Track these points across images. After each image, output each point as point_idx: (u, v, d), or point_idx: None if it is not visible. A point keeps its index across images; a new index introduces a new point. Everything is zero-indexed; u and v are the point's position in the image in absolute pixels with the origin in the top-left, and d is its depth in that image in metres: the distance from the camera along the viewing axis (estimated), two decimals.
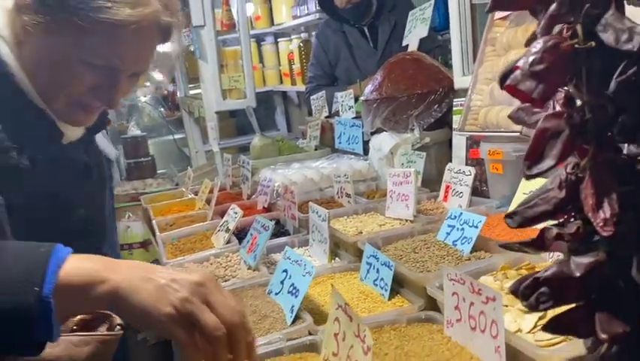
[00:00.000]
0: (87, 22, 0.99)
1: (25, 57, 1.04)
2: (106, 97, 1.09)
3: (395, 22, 3.31)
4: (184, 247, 1.88)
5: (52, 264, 0.71)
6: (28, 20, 1.00)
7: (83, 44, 1.01)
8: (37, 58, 1.04)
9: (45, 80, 1.05)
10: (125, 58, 1.06)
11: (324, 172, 2.28)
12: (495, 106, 1.61)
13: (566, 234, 0.66)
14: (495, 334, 0.85)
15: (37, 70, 1.05)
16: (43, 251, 0.73)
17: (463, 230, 1.34)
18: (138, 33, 1.03)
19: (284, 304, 1.20)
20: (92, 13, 0.99)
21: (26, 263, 0.71)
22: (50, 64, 1.04)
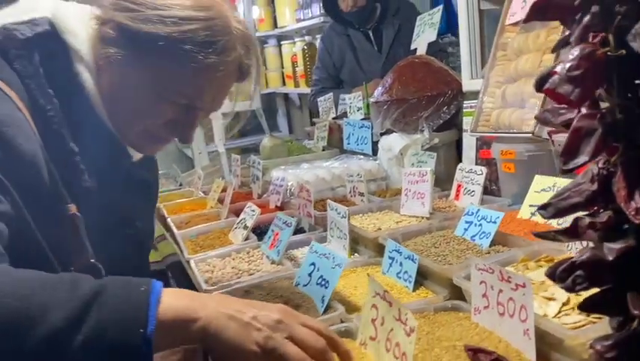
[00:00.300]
0: (176, 65, 1.02)
1: (103, 83, 1.06)
2: (181, 133, 1.12)
3: (399, 25, 3.38)
4: (203, 244, 1.93)
5: (152, 304, 0.74)
6: (113, 53, 1.03)
7: (168, 84, 1.04)
8: (116, 87, 1.06)
9: (121, 110, 1.07)
10: (206, 98, 1.09)
11: (335, 172, 2.34)
12: (507, 108, 1.69)
13: (598, 223, 0.73)
14: (524, 318, 0.91)
15: (114, 98, 1.06)
16: (143, 291, 0.75)
17: (481, 226, 1.41)
18: (222, 76, 1.07)
19: (314, 295, 1.26)
20: (181, 58, 1.01)
21: (130, 304, 0.74)
22: (130, 96, 1.06)
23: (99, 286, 0.75)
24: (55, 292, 0.72)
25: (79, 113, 1.02)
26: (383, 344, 0.95)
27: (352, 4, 3.27)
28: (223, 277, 1.55)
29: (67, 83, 1.02)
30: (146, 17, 1.00)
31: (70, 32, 1.03)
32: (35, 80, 0.96)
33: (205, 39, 1.02)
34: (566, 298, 0.97)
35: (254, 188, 2.59)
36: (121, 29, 1.02)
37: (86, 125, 1.03)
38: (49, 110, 0.97)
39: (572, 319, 0.92)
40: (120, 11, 1.02)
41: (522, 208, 1.53)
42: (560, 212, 0.77)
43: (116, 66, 1.04)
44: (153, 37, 1.00)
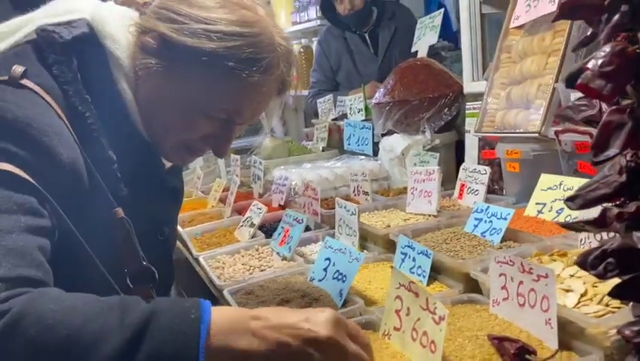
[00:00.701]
0: (218, 81, 1.00)
1: (141, 93, 1.03)
2: (218, 146, 1.10)
3: (395, 29, 3.43)
4: (210, 242, 1.94)
5: (202, 335, 0.74)
6: (154, 64, 1.00)
7: (209, 99, 1.02)
8: (154, 99, 1.03)
9: (158, 122, 1.05)
10: (245, 114, 1.07)
11: (338, 172, 2.37)
12: (512, 109, 1.73)
13: (626, 213, 0.76)
14: (546, 308, 0.94)
15: (151, 109, 1.04)
16: (194, 319, 0.75)
17: (492, 222, 1.44)
18: (263, 93, 1.05)
19: (331, 290, 1.28)
20: (224, 74, 0.99)
21: (181, 334, 0.74)
22: (168, 109, 1.03)
23: (149, 313, 0.75)
24: (107, 320, 0.73)
25: (116, 121, 0.99)
26: (409, 333, 0.97)
27: (349, 8, 3.32)
28: (235, 273, 1.56)
29: (105, 91, 0.99)
30: (191, 30, 0.97)
31: (110, 38, 1.00)
32: (74, 86, 0.94)
33: (249, 56, 0.99)
34: (583, 290, 1.00)
35: (255, 187, 2.61)
36: (163, 40, 0.99)
37: (123, 133, 1.00)
38: (88, 118, 0.95)
39: (591, 309, 0.95)
40: (163, 21, 0.99)
41: (529, 206, 1.57)
42: (588, 203, 0.80)
43: (155, 77, 1.01)
44: (197, 51, 0.97)
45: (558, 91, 1.54)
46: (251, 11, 1.02)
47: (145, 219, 1.03)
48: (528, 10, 1.74)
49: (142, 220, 1.01)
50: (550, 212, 1.50)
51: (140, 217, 1.00)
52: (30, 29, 0.98)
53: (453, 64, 3.66)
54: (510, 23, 1.83)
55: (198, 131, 1.06)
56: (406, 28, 3.40)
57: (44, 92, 0.91)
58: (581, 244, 1.20)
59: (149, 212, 1.07)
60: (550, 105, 1.58)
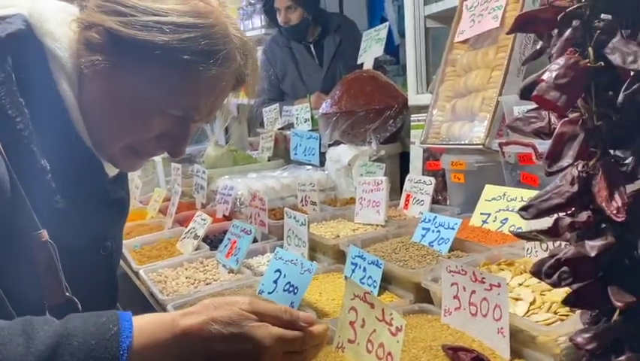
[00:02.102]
0: (173, 75, 0.94)
1: (86, 94, 0.95)
2: (173, 146, 1.02)
3: (340, 41, 3.48)
4: (150, 254, 1.85)
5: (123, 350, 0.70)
6: (101, 61, 0.92)
7: (163, 95, 0.95)
8: (102, 99, 0.95)
9: (106, 123, 0.97)
10: (202, 109, 1.00)
11: (285, 182, 2.34)
12: (457, 121, 1.77)
13: (577, 222, 0.78)
14: (498, 317, 0.95)
15: (97, 110, 0.96)
16: (112, 335, 0.70)
17: (439, 232, 1.46)
18: (220, 87, 1.00)
19: (281, 302, 1.24)
20: (179, 68, 0.93)
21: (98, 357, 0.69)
22: (118, 108, 0.96)
23: (60, 336, 0.68)
24: (7, 348, 0.65)
25: (53, 126, 0.91)
26: (364, 345, 0.95)
27: (284, 21, 3.34)
28: (179, 287, 1.49)
29: (43, 93, 0.91)
30: (141, 23, 0.90)
31: (49, 35, 0.92)
32: (6, 87, 0.85)
33: (205, 48, 0.94)
34: (532, 298, 1.02)
35: (197, 198, 2.53)
36: (110, 35, 0.91)
37: (61, 140, 0.92)
38: (18, 123, 0.86)
39: (541, 317, 0.97)
40: (109, 15, 0.92)
41: (474, 216, 1.60)
42: (542, 212, 0.81)
43: (102, 75, 0.93)
44: (149, 44, 0.90)
45: (501, 104, 1.59)
46: (203, 1, 0.96)
47: (85, 235, 0.95)
48: (472, 25, 1.79)
49: (82, 236, 0.93)
50: (495, 222, 1.53)
51: (79, 233, 0.92)
52: None
53: (394, 77, 3.74)
54: (455, 38, 1.88)
55: (152, 131, 0.98)
56: (351, 41, 3.45)
57: None
58: (527, 253, 1.23)
59: (91, 226, 0.98)
60: (494, 118, 1.62)
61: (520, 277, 1.12)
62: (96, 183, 1.00)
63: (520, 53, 1.63)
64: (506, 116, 1.55)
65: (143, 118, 0.97)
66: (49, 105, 0.92)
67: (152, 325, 0.75)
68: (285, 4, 3.28)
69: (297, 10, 3.29)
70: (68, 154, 0.93)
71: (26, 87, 0.89)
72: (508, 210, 1.51)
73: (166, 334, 0.74)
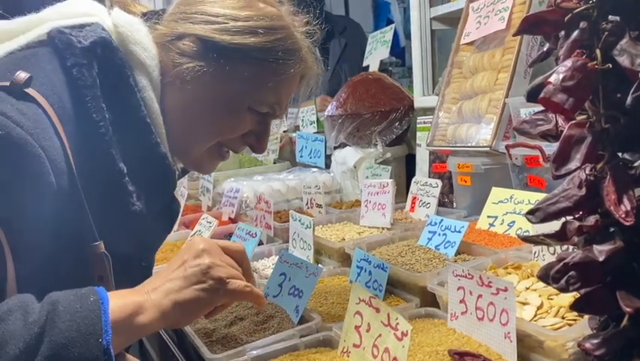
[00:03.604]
0: (265, 75, 1.01)
1: (173, 101, 0.99)
2: (258, 142, 1.08)
3: (345, 43, 3.47)
4: (157, 257, 1.84)
5: (105, 313, 0.74)
6: (194, 67, 0.96)
7: (257, 93, 1.02)
8: (194, 104, 1.00)
9: (196, 127, 1.01)
10: (283, 105, 1.07)
11: (290, 184, 2.34)
12: (463, 123, 1.76)
13: (585, 226, 0.77)
14: (505, 322, 0.94)
15: (187, 116, 1.00)
16: (93, 301, 0.75)
17: (446, 235, 1.45)
18: (297, 82, 1.09)
19: (286, 306, 1.24)
20: (271, 67, 1.00)
21: (83, 318, 0.73)
22: (210, 111, 1.01)
23: (50, 305, 0.73)
24: (8, 323, 0.70)
25: (134, 132, 0.93)
26: (369, 350, 0.94)
27: None
28: None
29: (126, 99, 0.92)
30: (235, 28, 0.97)
31: (139, 44, 0.95)
32: (92, 92, 0.87)
33: (290, 47, 1.02)
34: (540, 303, 1.01)
35: (203, 200, 2.53)
36: (204, 42, 0.97)
37: (139, 146, 0.93)
38: (101, 127, 0.87)
39: (548, 321, 0.95)
40: (199, 24, 0.97)
41: (480, 219, 1.59)
42: (549, 216, 0.80)
43: (194, 81, 0.97)
44: (246, 47, 0.97)
45: (508, 106, 1.58)
46: (274, 7, 1.04)
47: (134, 243, 0.96)
48: (479, 27, 1.78)
49: (138, 244, 0.96)
50: (502, 225, 1.52)
51: (139, 237, 0.95)
52: (43, 30, 0.91)
53: (400, 79, 3.73)
54: (461, 39, 1.87)
55: (242, 130, 1.04)
56: (357, 43, 3.45)
57: (47, 105, 0.83)
58: (534, 256, 1.22)
59: (149, 235, 1.00)
60: (501, 120, 1.61)
61: (527, 281, 1.11)
62: (167, 190, 1.03)
63: (527, 54, 1.62)
64: (513, 118, 1.54)
65: (236, 117, 1.03)
66: (130, 111, 0.93)
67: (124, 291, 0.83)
68: None
69: None
70: (146, 160, 0.95)
71: (110, 93, 0.90)
72: (516, 213, 1.50)
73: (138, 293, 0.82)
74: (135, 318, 0.79)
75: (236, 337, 1.14)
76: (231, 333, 1.16)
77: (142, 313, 0.79)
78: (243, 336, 1.14)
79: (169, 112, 0.99)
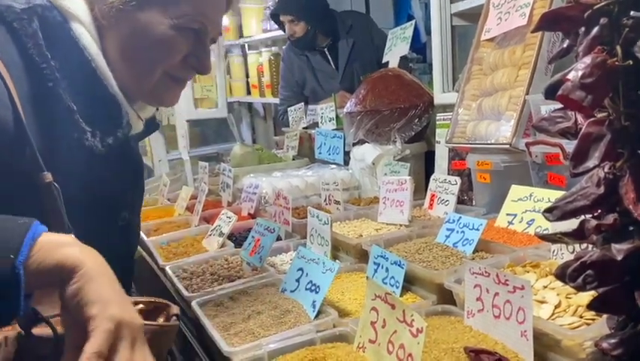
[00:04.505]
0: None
1: (110, 43, 1.05)
2: (200, 62, 1.11)
3: (353, 42, 3.44)
4: (176, 251, 1.88)
5: (28, 237, 0.74)
6: (110, 4, 1.02)
7: (167, 9, 1.04)
8: (128, 39, 1.05)
9: (138, 61, 1.07)
10: (211, 18, 1.09)
11: (309, 180, 2.35)
12: (483, 120, 1.74)
13: (604, 225, 0.76)
14: (522, 320, 0.94)
15: (126, 53, 1.06)
16: (22, 223, 0.76)
17: (464, 233, 1.44)
18: None
19: (303, 301, 1.25)
20: None
21: (6, 232, 0.74)
22: (145, 41, 1.05)
23: None
24: None
25: (79, 77, 1.00)
26: (385, 346, 0.95)
27: (290, 34, 3.36)
28: (203, 283, 1.51)
29: (67, 47, 1.00)
30: None
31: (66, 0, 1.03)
32: (33, 40, 0.95)
33: None
34: (557, 301, 1.00)
35: (224, 196, 2.56)
36: None
37: (87, 88, 1.01)
38: (45, 69, 0.95)
39: (566, 320, 0.95)
40: None
41: (499, 217, 1.58)
42: (567, 214, 0.79)
43: (120, 19, 1.03)
44: None
45: (528, 103, 1.56)
46: None
47: (101, 193, 1.02)
48: (499, 23, 1.77)
49: (98, 193, 1.01)
50: (521, 223, 1.51)
51: (99, 183, 1.01)
52: None
53: (421, 75, 3.71)
54: (481, 36, 1.85)
55: (177, 51, 1.07)
56: (366, 41, 3.42)
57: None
58: (553, 255, 1.21)
59: (111, 181, 1.06)
60: (521, 117, 1.60)
61: (545, 280, 1.10)
62: (120, 127, 1.07)
63: (548, 50, 1.60)
64: (533, 115, 1.53)
65: (166, 40, 1.05)
66: (76, 58, 1.01)
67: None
68: (288, 18, 3.30)
69: (299, 24, 3.31)
70: (96, 100, 1.03)
71: (52, 45, 0.98)
72: (535, 211, 1.49)
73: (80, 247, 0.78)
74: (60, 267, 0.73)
75: (253, 331, 1.15)
76: (249, 327, 1.17)
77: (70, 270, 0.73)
78: (260, 330, 1.15)
79: (110, 54, 1.05)
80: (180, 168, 3.94)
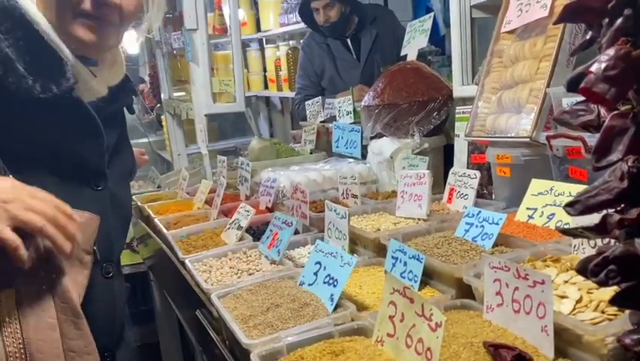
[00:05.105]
0: None
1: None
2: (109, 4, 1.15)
3: (376, 34, 3.43)
4: (196, 244, 1.90)
5: None
6: None
7: None
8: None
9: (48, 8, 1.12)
10: None
11: (326, 174, 2.35)
12: (503, 113, 1.72)
13: (627, 219, 0.75)
14: (542, 315, 0.93)
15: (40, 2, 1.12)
16: None
17: (483, 227, 1.43)
18: None
19: (321, 294, 1.26)
20: None
21: None
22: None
23: None
24: None
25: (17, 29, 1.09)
26: (403, 340, 0.95)
27: (324, 20, 3.33)
28: (222, 276, 1.53)
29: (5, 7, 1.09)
30: None
31: None
32: None
33: None
34: (579, 297, 0.99)
35: (242, 189, 2.57)
36: None
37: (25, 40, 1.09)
38: None
39: (587, 316, 0.94)
40: None
41: (519, 211, 1.56)
42: (589, 209, 0.78)
43: None
44: None
45: (549, 96, 1.54)
46: None
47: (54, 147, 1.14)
48: (520, 15, 1.74)
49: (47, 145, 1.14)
50: (541, 217, 1.49)
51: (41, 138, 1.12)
52: None
53: (440, 68, 3.67)
54: (501, 28, 1.83)
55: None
56: (388, 33, 3.41)
57: None
58: (574, 249, 1.19)
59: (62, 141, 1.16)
60: (542, 110, 1.58)
61: (566, 275, 1.08)
62: (60, 74, 1.13)
63: (570, 42, 1.57)
64: (554, 108, 1.50)
65: None
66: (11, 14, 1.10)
67: None
68: (323, 3, 3.28)
69: (335, 7, 3.29)
70: (34, 50, 1.10)
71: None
72: (556, 205, 1.47)
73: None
74: None
75: (272, 323, 1.16)
76: (268, 319, 1.18)
77: None
78: (278, 323, 1.16)
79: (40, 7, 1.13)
80: (199, 162, 3.98)
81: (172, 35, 3.89)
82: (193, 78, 3.55)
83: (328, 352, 1.01)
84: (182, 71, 4.14)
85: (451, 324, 1.07)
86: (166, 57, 4.34)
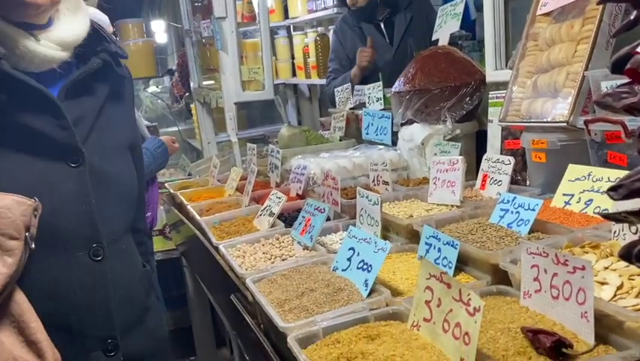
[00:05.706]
0: None
1: None
2: None
3: (411, 17, 3.39)
4: (229, 230, 1.93)
5: None
6: None
7: None
8: None
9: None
10: None
11: (356, 161, 2.34)
12: (538, 98, 1.69)
13: None
14: (582, 301, 0.92)
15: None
16: None
17: (519, 213, 1.41)
18: None
19: (355, 280, 1.26)
20: None
21: None
22: None
23: None
24: None
25: None
26: (440, 325, 0.95)
27: (352, 3, 3.31)
28: (256, 262, 1.55)
29: None
30: None
31: None
32: None
33: None
34: (619, 283, 0.98)
35: (272, 177, 2.59)
36: None
37: None
38: None
39: (629, 302, 0.92)
40: None
41: (555, 197, 1.54)
42: (633, 193, 0.76)
43: None
44: None
45: (587, 79, 1.50)
46: None
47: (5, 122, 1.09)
48: None
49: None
50: (579, 203, 1.46)
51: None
52: None
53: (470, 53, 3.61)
54: (537, 10, 1.79)
55: None
56: (422, 17, 3.37)
57: None
58: (614, 235, 1.17)
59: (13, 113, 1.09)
60: (580, 94, 1.54)
61: (605, 261, 1.07)
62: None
63: (609, 24, 1.52)
64: (593, 91, 1.47)
65: None
66: None
67: None
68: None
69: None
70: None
71: None
72: (594, 190, 1.44)
73: None
74: None
75: (307, 307, 1.18)
76: (303, 304, 1.20)
77: None
78: (313, 307, 1.17)
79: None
80: (228, 150, 4.02)
81: (201, 24, 3.92)
82: (222, 66, 3.59)
83: (364, 336, 1.02)
84: (211, 59, 4.17)
85: (487, 310, 1.06)
86: (195, 46, 4.37)
